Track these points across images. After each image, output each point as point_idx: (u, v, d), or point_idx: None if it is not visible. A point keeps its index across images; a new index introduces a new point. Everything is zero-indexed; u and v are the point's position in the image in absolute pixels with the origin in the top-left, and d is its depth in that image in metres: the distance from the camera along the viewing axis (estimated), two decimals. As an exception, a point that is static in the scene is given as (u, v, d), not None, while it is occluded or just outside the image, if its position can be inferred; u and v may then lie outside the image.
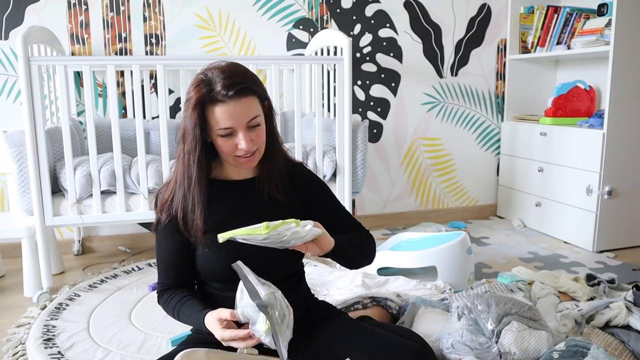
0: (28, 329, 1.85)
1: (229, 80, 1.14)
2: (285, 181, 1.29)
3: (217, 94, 1.13)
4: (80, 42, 2.69)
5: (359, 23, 3.05)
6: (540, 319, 1.50)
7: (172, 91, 2.83)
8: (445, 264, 2.12)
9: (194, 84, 1.17)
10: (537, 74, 3.36)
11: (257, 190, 1.28)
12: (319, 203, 1.35)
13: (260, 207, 1.27)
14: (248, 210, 1.26)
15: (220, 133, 1.16)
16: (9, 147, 2.06)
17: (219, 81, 1.14)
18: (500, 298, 1.52)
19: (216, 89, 1.13)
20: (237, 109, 1.14)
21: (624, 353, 1.50)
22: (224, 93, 1.13)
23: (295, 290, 1.32)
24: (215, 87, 1.13)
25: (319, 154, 2.35)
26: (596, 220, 2.69)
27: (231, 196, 1.27)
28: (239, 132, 1.16)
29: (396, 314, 1.78)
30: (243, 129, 1.16)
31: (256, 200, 1.27)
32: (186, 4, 2.79)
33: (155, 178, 2.19)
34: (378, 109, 3.16)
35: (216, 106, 1.14)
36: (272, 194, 1.27)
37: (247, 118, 1.16)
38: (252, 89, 1.17)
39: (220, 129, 1.15)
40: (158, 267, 1.30)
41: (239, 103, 1.14)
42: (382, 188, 3.25)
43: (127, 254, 2.74)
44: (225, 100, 1.13)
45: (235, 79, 1.14)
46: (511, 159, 3.32)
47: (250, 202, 1.27)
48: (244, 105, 1.15)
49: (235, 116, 1.14)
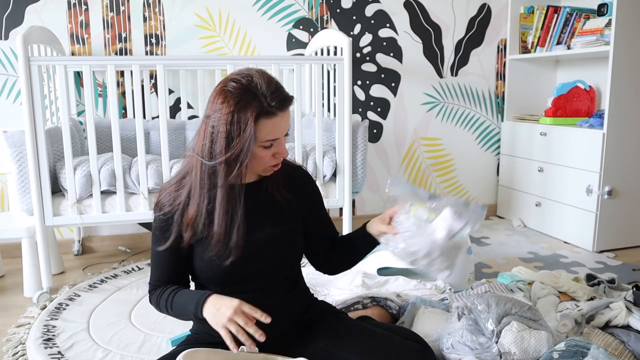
0: (28, 329, 1.85)
1: (281, 94, 1.15)
2: (287, 184, 1.32)
3: (273, 108, 1.13)
4: (80, 42, 2.69)
5: (359, 23, 3.05)
6: (540, 319, 1.50)
7: (172, 91, 2.83)
8: (445, 264, 2.11)
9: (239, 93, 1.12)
10: (537, 74, 3.36)
11: (262, 192, 1.29)
12: (314, 206, 1.38)
13: (265, 208, 1.29)
14: (255, 212, 1.27)
15: (265, 145, 1.16)
16: (9, 147, 2.06)
17: (269, 94, 1.13)
18: (500, 298, 1.52)
19: (271, 103, 1.13)
20: (284, 121, 1.17)
21: (624, 353, 1.50)
22: (278, 106, 1.14)
23: (293, 291, 1.33)
24: (269, 101, 1.13)
25: (319, 154, 2.35)
26: (596, 220, 2.69)
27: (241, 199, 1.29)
28: (280, 141, 1.19)
29: (396, 314, 1.78)
30: (283, 138, 1.20)
31: (261, 202, 1.29)
32: (186, 4, 2.79)
33: (155, 178, 2.19)
34: (378, 109, 3.16)
35: (269, 119, 1.14)
36: (277, 196, 1.29)
37: (288, 127, 1.20)
38: (292, 97, 1.20)
39: (268, 140, 1.16)
40: (152, 265, 1.29)
41: (285, 114, 1.17)
42: (382, 188, 3.25)
43: (127, 254, 2.74)
44: (276, 113, 1.14)
45: (283, 91, 1.16)
46: (511, 159, 3.32)
47: (256, 204, 1.28)
48: (288, 115, 1.19)
49: (283, 128, 1.18)
